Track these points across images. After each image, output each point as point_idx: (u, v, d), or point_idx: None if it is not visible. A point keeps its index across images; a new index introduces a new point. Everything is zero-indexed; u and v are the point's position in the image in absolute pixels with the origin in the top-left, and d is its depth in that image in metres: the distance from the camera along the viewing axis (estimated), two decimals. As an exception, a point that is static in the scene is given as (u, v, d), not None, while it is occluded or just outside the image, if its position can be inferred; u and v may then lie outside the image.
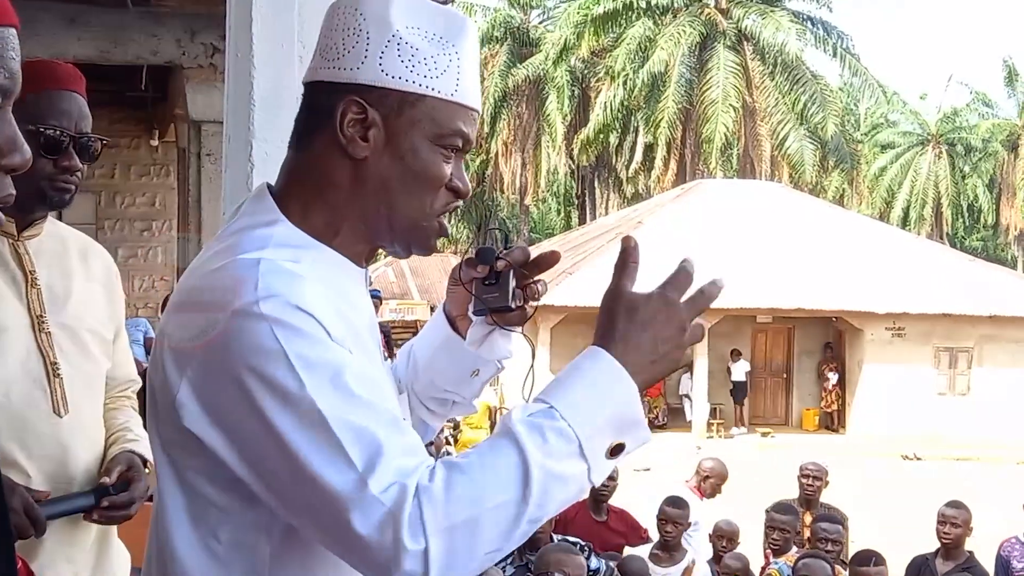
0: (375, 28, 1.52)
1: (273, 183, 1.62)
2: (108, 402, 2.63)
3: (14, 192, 1.04)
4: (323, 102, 1.54)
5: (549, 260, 1.72)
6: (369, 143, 1.52)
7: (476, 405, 1.93)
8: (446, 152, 1.55)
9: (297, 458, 1.35)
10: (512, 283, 1.69)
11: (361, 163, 1.53)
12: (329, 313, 1.42)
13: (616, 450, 1.43)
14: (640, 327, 1.46)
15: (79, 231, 2.67)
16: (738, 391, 25.70)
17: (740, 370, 25.54)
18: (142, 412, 2.43)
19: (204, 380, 1.41)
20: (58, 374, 2.42)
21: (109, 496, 2.38)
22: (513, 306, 1.69)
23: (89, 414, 2.51)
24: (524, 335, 1.77)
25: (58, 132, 2.38)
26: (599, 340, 1.46)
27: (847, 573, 6.34)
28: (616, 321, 1.46)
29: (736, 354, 25.57)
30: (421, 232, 1.58)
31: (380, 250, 1.65)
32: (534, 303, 1.73)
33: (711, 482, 8.01)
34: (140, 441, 2.55)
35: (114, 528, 2.56)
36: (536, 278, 1.72)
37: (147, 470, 2.51)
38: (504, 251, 1.70)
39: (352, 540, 1.34)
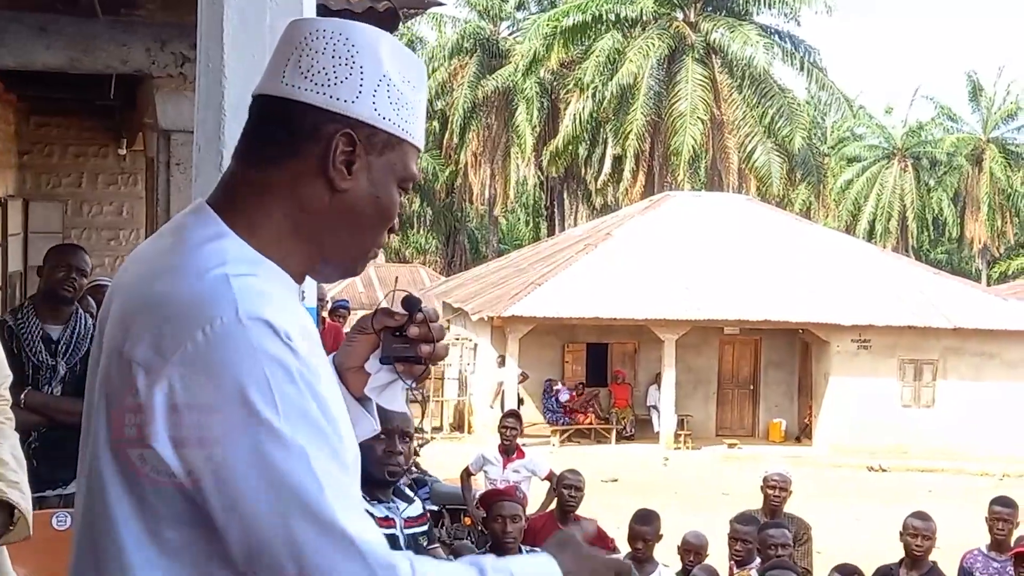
0: (369, 64, 1.55)
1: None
2: None
3: None
4: (307, 126, 1.54)
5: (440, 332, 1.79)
6: (352, 177, 1.55)
7: None
8: (402, 192, 1.62)
9: (281, 490, 1.36)
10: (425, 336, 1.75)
11: (339, 194, 1.55)
12: (298, 333, 1.43)
13: None
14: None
15: None
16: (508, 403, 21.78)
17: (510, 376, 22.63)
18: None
19: (186, 401, 1.38)
20: None
21: None
22: (423, 359, 1.75)
23: None
24: (418, 396, 1.87)
25: None
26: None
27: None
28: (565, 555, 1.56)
29: (501, 360, 22.73)
30: (363, 261, 1.64)
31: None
32: (438, 362, 1.83)
33: None
34: (18, 486, 2.27)
35: (4, 553, 2.38)
36: (442, 342, 1.78)
37: (14, 519, 2.26)
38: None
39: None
